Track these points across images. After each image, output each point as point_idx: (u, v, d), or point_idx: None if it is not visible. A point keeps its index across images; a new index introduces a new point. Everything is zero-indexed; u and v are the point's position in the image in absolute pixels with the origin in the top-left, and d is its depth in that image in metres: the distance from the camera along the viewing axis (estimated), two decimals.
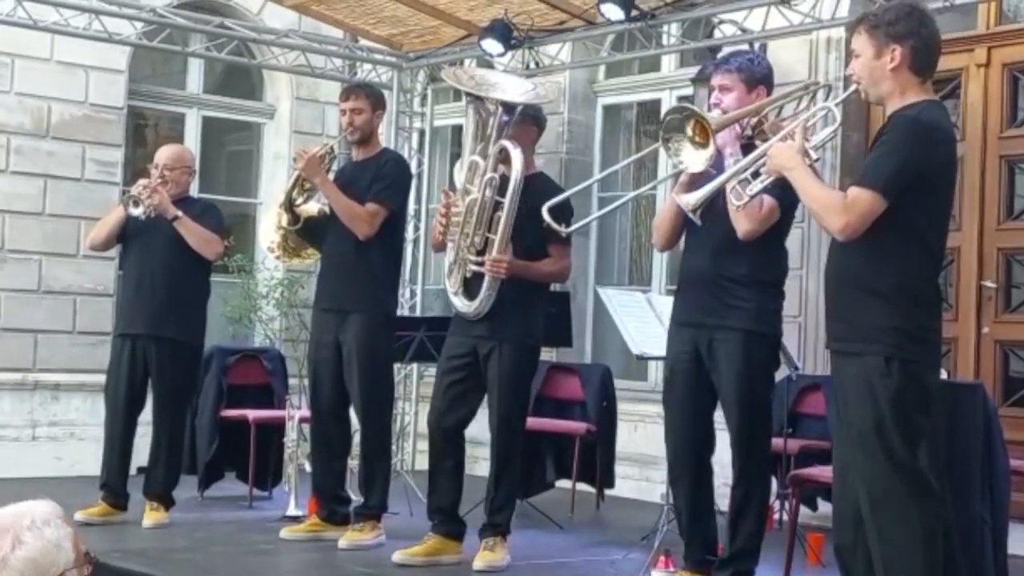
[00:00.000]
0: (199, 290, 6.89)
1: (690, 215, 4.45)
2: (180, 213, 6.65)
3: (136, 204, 6.60)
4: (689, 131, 4.37)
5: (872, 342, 3.92)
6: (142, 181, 6.75)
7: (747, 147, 4.68)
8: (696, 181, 4.64)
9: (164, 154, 6.94)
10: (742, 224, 4.73)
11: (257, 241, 10.24)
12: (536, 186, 5.79)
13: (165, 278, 6.70)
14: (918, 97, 4.00)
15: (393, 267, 6.53)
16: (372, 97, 6.50)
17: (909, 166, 3.87)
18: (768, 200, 4.66)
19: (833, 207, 3.94)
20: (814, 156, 4.12)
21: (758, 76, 4.95)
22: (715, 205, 4.66)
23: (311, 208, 6.57)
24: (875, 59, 4.00)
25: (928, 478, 4.05)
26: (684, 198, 4.45)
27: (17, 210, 8.98)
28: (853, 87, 4.13)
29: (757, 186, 4.26)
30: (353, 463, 6.81)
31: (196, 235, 6.69)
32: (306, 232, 6.56)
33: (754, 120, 4.78)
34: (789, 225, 5.03)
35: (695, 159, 4.40)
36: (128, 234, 6.82)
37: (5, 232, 8.96)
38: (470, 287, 5.76)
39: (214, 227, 6.83)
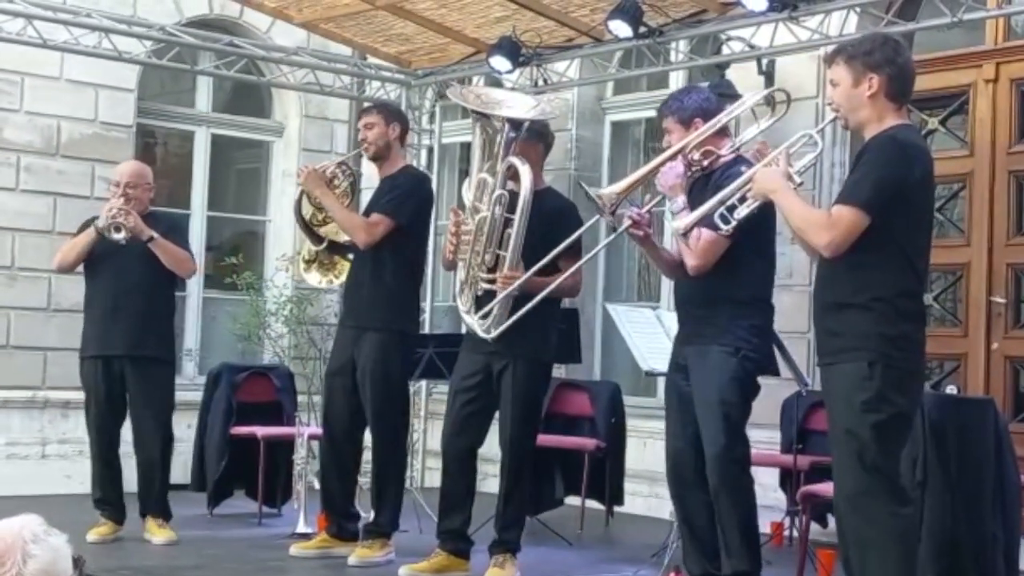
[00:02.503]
0: (169, 307, 6.92)
1: (680, 238, 4.73)
2: (155, 234, 6.63)
3: (119, 229, 6.57)
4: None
5: (857, 349, 4.06)
6: (113, 203, 6.66)
7: (707, 177, 4.93)
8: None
9: (126, 172, 6.85)
10: (688, 260, 4.90)
11: (266, 259, 10.27)
12: (544, 201, 5.79)
13: (140, 298, 6.68)
14: (895, 122, 4.16)
15: (410, 286, 6.48)
16: (384, 112, 6.54)
17: (888, 182, 4.03)
18: (705, 233, 4.79)
19: (818, 225, 4.12)
20: (798, 180, 4.33)
21: (690, 111, 5.10)
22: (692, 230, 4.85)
23: (332, 229, 6.58)
24: (853, 88, 4.17)
25: (903, 485, 4.17)
26: (674, 224, 4.73)
27: (27, 228, 8.99)
28: (832, 115, 4.32)
29: (744, 211, 4.47)
30: (364, 480, 6.81)
31: (172, 255, 6.70)
32: (336, 247, 6.57)
33: (698, 153, 4.95)
34: (763, 242, 5.03)
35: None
36: (94, 255, 6.75)
37: (15, 250, 8.97)
38: (482, 306, 5.75)
39: (184, 245, 6.87)
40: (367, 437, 6.55)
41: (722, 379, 4.88)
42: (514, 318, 5.47)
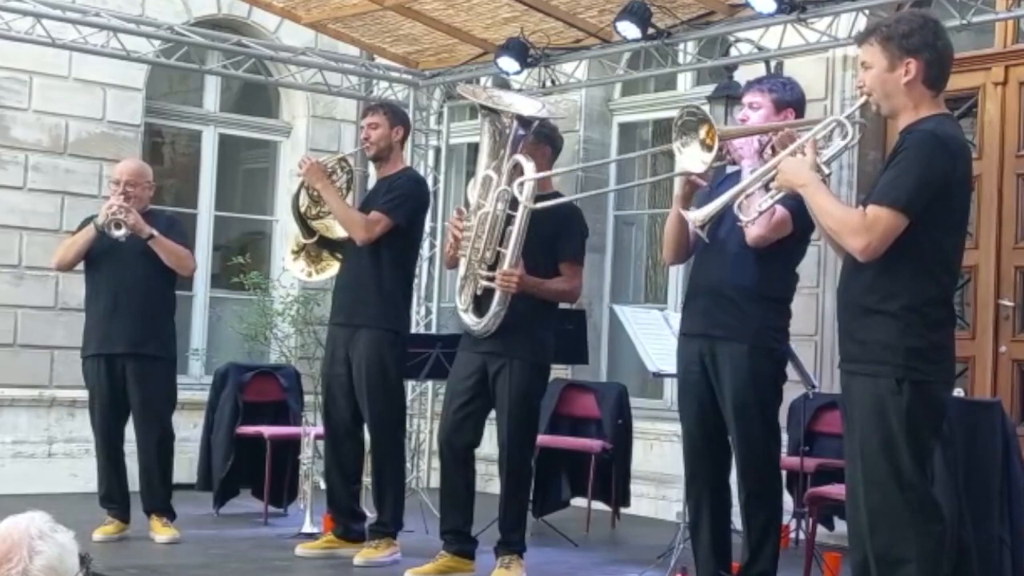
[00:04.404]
0: (170, 304, 6.91)
1: (698, 231, 4.40)
2: (155, 232, 6.63)
3: (119, 226, 6.58)
4: (702, 134, 4.33)
5: (884, 363, 3.83)
6: (113, 201, 6.66)
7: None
8: (695, 195, 4.81)
9: (126, 170, 6.83)
10: (752, 229, 4.67)
11: (273, 259, 10.27)
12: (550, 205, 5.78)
13: (140, 295, 6.68)
14: (931, 111, 3.91)
15: (405, 285, 6.54)
16: (389, 114, 6.55)
17: (930, 182, 3.77)
18: (781, 209, 4.60)
19: (853, 227, 3.82)
20: (826, 171, 3.99)
21: (788, 100, 4.96)
22: (726, 219, 4.67)
23: (329, 223, 6.58)
24: (888, 72, 3.88)
25: (936, 501, 3.96)
26: (691, 214, 4.40)
27: (35, 227, 9.00)
28: (863, 99, 4.00)
29: (767, 201, 4.17)
30: (367, 480, 6.80)
31: (172, 253, 6.69)
32: (326, 243, 6.58)
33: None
34: (802, 252, 5.01)
35: (695, 159, 4.35)
36: (94, 253, 6.75)
37: (23, 249, 8.98)
38: (480, 304, 5.75)
39: (184, 242, 6.87)
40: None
41: (759, 378, 4.81)
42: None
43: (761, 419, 4.84)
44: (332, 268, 6.74)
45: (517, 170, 5.65)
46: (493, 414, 5.89)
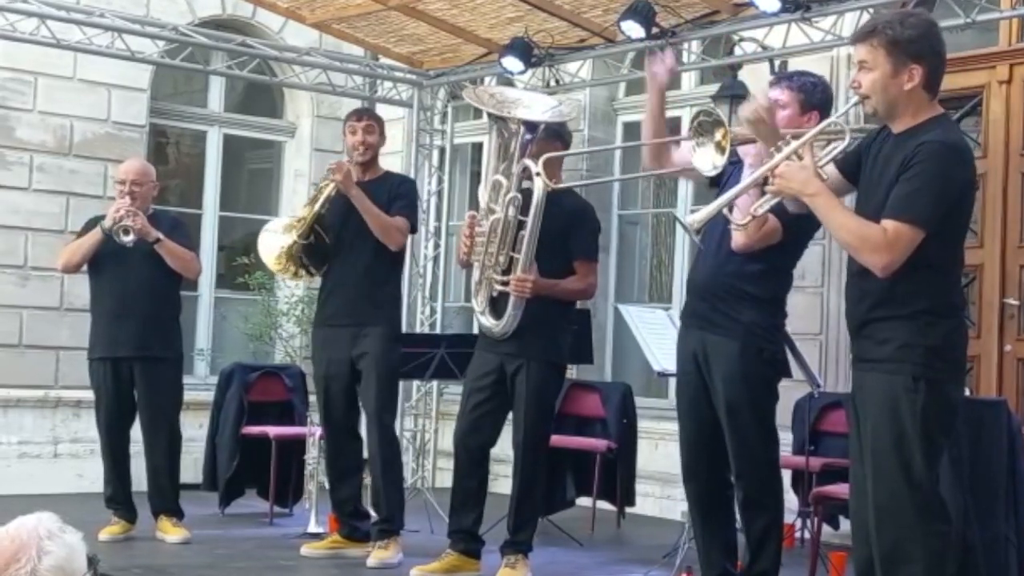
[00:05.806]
0: (175, 306, 6.92)
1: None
2: (161, 236, 6.63)
3: (126, 232, 6.57)
4: (718, 136, 4.26)
5: (902, 361, 3.81)
6: (119, 204, 6.64)
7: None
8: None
9: (131, 170, 6.82)
10: (738, 236, 4.64)
11: None
12: (561, 202, 5.78)
13: (146, 297, 6.69)
14: (929, 114, 3.86)
15: (399, 285, 6.65)
16: (380, 121, 6.64)
17: (947, 195, 3.76)
18: (773, 219, 4.56)
19: (874, 244, 3.76)
20: (824, 177, 3.89)
21: (814, 101, 4.82)
22: (721, 217, 4.65)
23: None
24: (892, 77, 3.80)
25: (943, 501, 3.94)
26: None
27: (40, 227, 9.01)
28: (856, 99, 3.91)
29: (763, 207, 4.10)
30: (367, 480, 6.81)
31: (179, 257, 6.70)
32: (310, 250, 6.51)
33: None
34: (799, 253, 4.97)
35: (707, 161, 4.29)
36: (99, 255, 6.75)
37: (28, 250, 8.99)
38: (496, 306, 5.76)
39: (188, 243, 6.87)
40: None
41: (749, 378, 4.76)
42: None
43: (754, 419, 4.78)
44: (290, 277, 6.76)
45: (526, 173, 5.65)
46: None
